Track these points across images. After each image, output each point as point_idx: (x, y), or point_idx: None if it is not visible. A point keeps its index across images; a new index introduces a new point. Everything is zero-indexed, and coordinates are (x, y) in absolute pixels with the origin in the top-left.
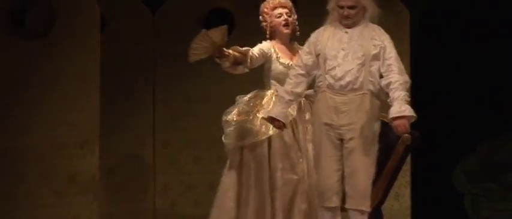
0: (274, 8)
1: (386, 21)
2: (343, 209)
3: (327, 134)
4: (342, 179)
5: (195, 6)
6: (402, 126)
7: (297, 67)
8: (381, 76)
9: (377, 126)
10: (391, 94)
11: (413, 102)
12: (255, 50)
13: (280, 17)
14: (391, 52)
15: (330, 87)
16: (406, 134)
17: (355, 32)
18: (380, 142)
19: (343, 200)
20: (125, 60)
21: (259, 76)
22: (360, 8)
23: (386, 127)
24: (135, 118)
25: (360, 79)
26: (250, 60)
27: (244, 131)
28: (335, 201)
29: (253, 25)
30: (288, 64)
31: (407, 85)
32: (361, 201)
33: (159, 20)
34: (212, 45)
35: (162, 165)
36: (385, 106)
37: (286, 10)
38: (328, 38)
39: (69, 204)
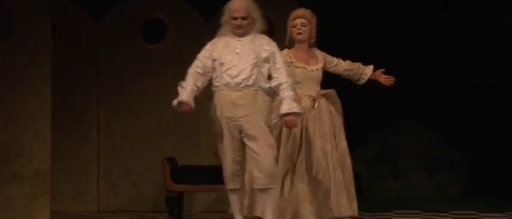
0: (294, 19)
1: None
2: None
3: (227, 127)
4: (244, 164)
5: (133, 16)
6: (292, 121)
7: (196, 66)
8: (270, 78)
9: (270, 117)
10: (281, 93)
11: None
12: None
13: (295, 27)
14: (279, 58)
15: (227, 85)
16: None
17: (246, 40)
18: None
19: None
20: (72, 64)
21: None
22: (251, 19)
23: None
24: (82, 114)
25: (253, 77)
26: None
27: None
28: (236, 184)
29: (183, 33)
30: (302, 67)
31: (294, 86)
32: (266, 180)
33: (101, 28)
34: None
35: (104, 151)
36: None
37: (301, 20)
38: (222, 47)
39: None
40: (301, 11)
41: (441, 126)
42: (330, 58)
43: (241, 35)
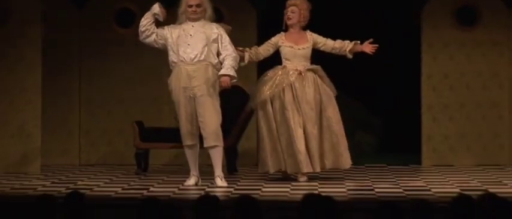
0: (288, 7)
1: (238, 16)
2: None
3: (184, 95)
4: (197, 125)
5: (109, 5)
6: (225, 81)
7: (159, 32)
8: (218, 55)
9: (217, 87)
10: (224, 62)
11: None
12: (263, 46)
13: (287, 13)
14: (226, 39)
15: (183, 60)
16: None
17: (199, 25)
18: (236, 101)
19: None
20: (59, 44)
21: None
22: (203, 8)
23: (240, 93)
24: (67, 85)
25: (204, 54)
26: (255, 53)
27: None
28: (190, 141)
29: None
30: (290, 46)
31: (237, 59)
32: (213, 139)
33: (83, 15)
34: None
35: (85, 116)
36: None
37: (292, 8)
38: (179, 30)
39: None
40: None
41: (361, 95)
42: (320, 39)
43: (195, 20)
